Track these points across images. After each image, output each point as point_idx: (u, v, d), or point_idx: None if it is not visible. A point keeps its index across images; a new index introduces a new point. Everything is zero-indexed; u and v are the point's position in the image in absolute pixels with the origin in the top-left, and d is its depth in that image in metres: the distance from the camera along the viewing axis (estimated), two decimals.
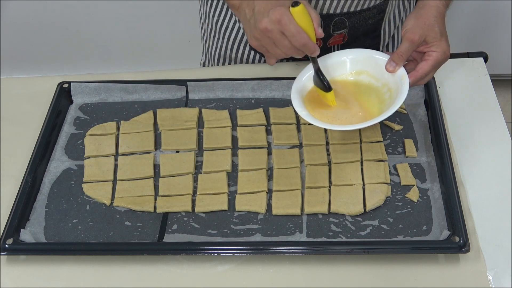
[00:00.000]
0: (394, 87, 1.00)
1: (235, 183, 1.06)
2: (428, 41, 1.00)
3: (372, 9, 1.17)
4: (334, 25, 1.17)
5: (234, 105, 1.19)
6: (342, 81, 1.06)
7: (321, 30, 0.97)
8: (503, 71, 2.38)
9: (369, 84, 1.05)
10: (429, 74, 1.01)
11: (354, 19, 1.17)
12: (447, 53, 1.01)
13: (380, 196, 1.01)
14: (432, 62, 1.00)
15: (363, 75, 1.05)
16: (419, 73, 1.00)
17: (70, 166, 1.10)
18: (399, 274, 0.94)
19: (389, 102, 1.00)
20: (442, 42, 1.00)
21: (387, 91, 1.01)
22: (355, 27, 1.19)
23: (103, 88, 1.21)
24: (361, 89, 1.05)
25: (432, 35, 0.99)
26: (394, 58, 1.00)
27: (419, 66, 1.00)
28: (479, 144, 1.12)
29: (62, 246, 0.98)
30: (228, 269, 0.96)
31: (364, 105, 1.03)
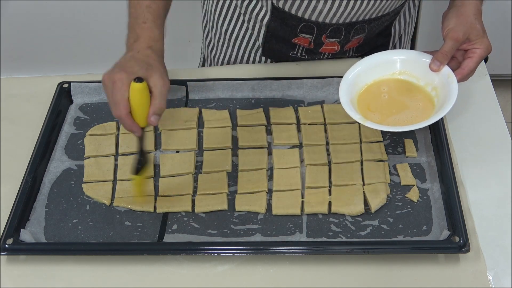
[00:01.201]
0: (440, 85, 1.01)
1: (235, 183, 1.06)
2: (471, 39, 1.01)
3: (390, 13, 1.18)
4: (355, 31, 1.18)
5: (234, 105, 1.19)
6: (389, 81, 1.05)
7: (154, 119, 0.93)
8: (503, 71, 2.38)
9: (414, 83, 1.04)
10: (473, 71, 1.03)
11: (373, 24, 1.18)
12: (489, 49, 1.03)
13: (382, 195, 1.01)
14: (477, 58, 1.02)
15: (404, 75, 1.05)
16: (466, 70, 1.01)
17: (70, 166, 1.10)
18: (399, 274, 0.94)
19: (437, 101, 1.00)
20: (485, 39, 1.02)
21: (432, 90, 1.02)
22: (373, 31, 1.20)
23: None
24: (408, 89, 1.04)
25: (475, 33, 1.01)
26: (438, 57, 1.01)
27: (465, 64, 1.02)
28: (479, 144, 1.12)
29: (62, 246, 0.98)
30: (228, 269, 0.96)
31: (417, 105, 1.02)
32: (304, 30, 1.18)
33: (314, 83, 1.19)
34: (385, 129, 0.97)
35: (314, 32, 1.18)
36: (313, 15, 1.14)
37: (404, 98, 1.03)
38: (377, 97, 1.04)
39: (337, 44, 1.21)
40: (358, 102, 1.03)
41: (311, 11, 1.13)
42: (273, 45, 1.25)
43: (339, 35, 1.19)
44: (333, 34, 1.18)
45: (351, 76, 1.04)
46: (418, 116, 1.00)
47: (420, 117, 0.99)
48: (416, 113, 1.01)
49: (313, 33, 1.18)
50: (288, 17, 1.16)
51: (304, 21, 1.15)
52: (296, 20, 1.16)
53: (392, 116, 1.01)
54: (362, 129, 1.12)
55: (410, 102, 1.03)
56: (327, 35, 1.18)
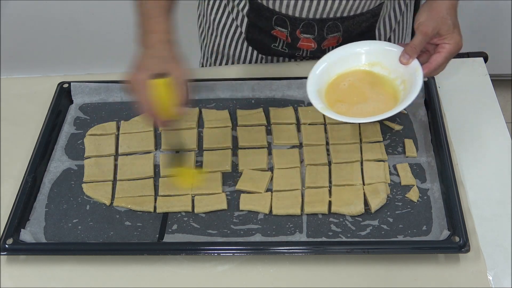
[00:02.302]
0: (408, 78, 1.00)
1: (235, 183, 1.06)
2: (441, 34, 1.01)
3: (365, 14, 1.17)
4: (328, 29, 1.18)
5: (234, 105, 1.19)
6: (357, 73, 1.05)
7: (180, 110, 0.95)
8: (503, 71, 2.38)
9: (383, 75, 1.05)
10: (442, 66, 1.02)
11: (348, 23, 1.18)
12: (460, 45, 1.02)
13: (382, 195, 1.01)
14: (446, 54, 1.01)
15: (376, 67, 1.05)
16: (433, 65, 1.01)
17: (70, 166, 1.10)
18: (399, 274, 0.94)
19: (404, 94, 1.00)
20: (455, 34, 1.01)
21: (401, 83, 1.02)
22: (349, 30, 1.19)
23: (103, 88, 1.21)
24: (375, 81, 1.04)
25: (445, 28, 1.00)
26: (407, 51, 1.00)
27: (433, 58, 1.01)
28: (479, 144, 1.12)
29: (62, 246, 0.98)
30: (228, 269, 0.96)
31: (380, 96, 1.02)
32: (278, 23, 1.19)
33: None
34: (344, 119, 0.97)
35: (288, 26, 1.19)
36: (282, 7, 1.15)
37: (369, 89, 1.03)
38: (343, 88, 1.03)
39: (313, 41, 1.21)
40: (326, 93, 1.03)
41: (279, 4, 1.14)
42: (256, 36, 1.26)
43: (312, 31, 1.19)
44: (306, 29, 1.18)
45: (319, 71, 1.04)
46: (380, 108, 1.00)
47: (381, 110, 0.99)
48: (378, 105, 1.00)
49: (287, 27, 1.19)
50: (262, 8, 1.18)
51: (276, 13, 1.17)
52: (269, 12, 1.17)
53: (356, 106, 1.01)
54: (362, 129, 1.12)
55: (375, 95, 1.02)
56: (301, 30, 1.19)
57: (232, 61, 1.33)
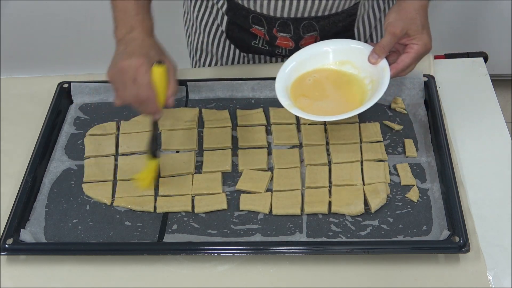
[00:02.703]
0: (376, 78, 1.01)
1: (235, 183, 1.06)
2: (410, 34, 1.00)
3: (341, 14, 1.17)
4: (303, 28, 1.18)
5: (234, 105, 1.19)
6: (325, 70, 1.06)
7: (173, 101, 0.97)
8: (503, 71, 2.38)
9: (352, 74, 1.05)
10: (410, 66, 1.02)
11: (323, 22, 1.18)
12: (428, 46, 1.01)
13: (382, 195, 1.01)
14: (413, 54, 1.01)
15: (347, 65, 1.05)
16: (400, 65, 1.01)
17: (70, 166, 1.10)
18: (399, 274, 0.94)
19: (371, 93, 1.00)
20: (424, 35, 1.01)
21: (370, 82, 1.02)
22: (326, 29, 1.19)
23: (103, 88, 1.21)
24: (344, 79, 1.05)
25: (414, 28, 1.00)
26: (376, 50, 1.01)
27: (400, 59, 1.01)
28: (479, 144, 1.12)
29: (62, 246, 0.98)
30: (228, 269, 0.96)
31: (347, 95, 1.03)
32: (255, 22, 1.19)
33: None
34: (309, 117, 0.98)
35: (264, 25, 1.19)
36: (257, 6, 1.15)
37: (334, 87, 1.04)
38: (308, 83, 1.04)
39: (290, 40, 1.21)
40: (292, 87, 1.04)
41: (254, 3, 1.15)
42: (236, 34, 1.26)
43: (288, 30, 1.19)
44: (282, 28, 1.19)
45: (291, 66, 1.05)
46: (346, 107, 1.00)
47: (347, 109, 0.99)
48: (344, 104, 1.01)
49: (264, 25, 1.19)
50: (239, 7, 1.18)
51: (252, 12, 1.17)
52: (245, 11, 1.18)
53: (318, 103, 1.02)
54: (362, 129, 1.12)
55: (339, 92, 1.03)
56: (277, 29, 1.19)
57: (216, 59, 1.34)
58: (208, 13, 1.28)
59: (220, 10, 1.24)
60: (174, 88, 0.96)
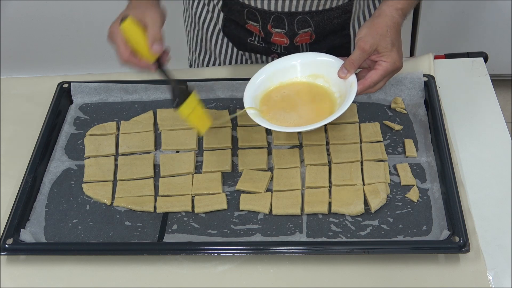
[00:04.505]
0: (344, 93, 1.01)
1: (235, 183, 1.06)
2: (379, 51, 0.99)
3: (335, 10, 1.17)
4: (298, 23, 1.18)
5: (234, 105, 1.19)
6: (296, 84, 1.07)
7: (157, 47, 0.96)
8: (503, 71, 2.38)
9: (324, 88, 1.06)
10: (378, 84, 1.01)
11: (318, 18, 1.18)
12: (397, 64, 1.00)
13: (382, 195, 1.01)
14: (381, 72, 1.00)
15: (319, 79, 1.06)
16: (368, 81, 1.00)
17: (70, 166, 1.10)
18: (399, 274, 0.94)
19: (338, 107, 1.00)
20: (393, 53, 0.99)
21: (339, 97, 1.02)
22: (321, 26, 1.19)
23: (103, 88, 1.21)
24: (315, 93, 1.06)
25: (383, 45, 0.99)
26: (346, 65, 1.01)
27: (368, 75, 1.00)
28: (479, 144, 1.12)
29: (62, 246, 0.98)
30: (228, 269, 0.96)
31: (317, 109, 1.03)
32: (250, 17, 1.20)
33: None
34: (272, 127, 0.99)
35: (259, 20, 1.19)
36: (251, 0, 1.15)
37: (306, 101, 1.05)
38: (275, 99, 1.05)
39: (285, 36, 1.21)
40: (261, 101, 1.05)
41: None
42: (232, 30, 1.27)
43: (283, 26, 1.19)
44: (277, 24, 1.19)
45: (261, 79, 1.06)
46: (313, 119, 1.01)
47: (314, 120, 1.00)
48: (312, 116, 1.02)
49: (259, 21, 1.19)
50: (232, 2, 1.19)
51: (246, 7, 1.17)
52: (240, 6, 1.18)
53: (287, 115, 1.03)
54: (362, 129, 1.12)
55: (310, 106, 1.04)
56: (272, 24, 1.19)
57: (214, 57, 1.34)
58: (206, 10, 1.28)
59: (216, 6, 1.25)
60: (150, 35, 0.97)
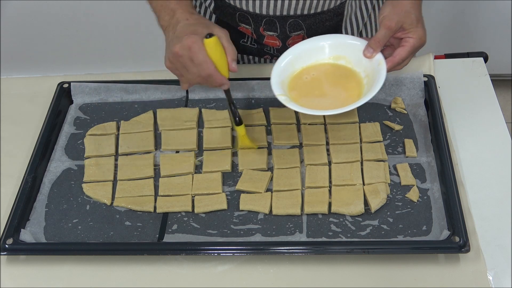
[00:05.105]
0: (371, 72, 1.00)
1: (235, 183, 1.06)
2: (405, 28, 1.00)
3: (327, 12, 1.17)
4: (290, 26, 1.18)
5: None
6: (322, 66, 1.06)
7: (235, 65, 0.99)
8: (503, 71, 2.38)
9: (348, 69, 1.05)
10: (406, 60, 1.02)
11: (310, 21, 1.18)
12: (423, 39, 1.02)
13: (382, 195, 1.01)
14: (409, 48, 1.01)
15: (341, 60, 1.05)
16: (397, 58, 1.01)
17: (70, 166, 1.10)
18: (399, 274, 0.94)
19: (367, 88, 1.00)
20: (419, 28, 1.01)
21: (365, 77, 1.02)
22: (313, 28, 1.19)
23: (103, 88, 1.21)
24: (341, 75, 1.04)
25: (409, 22, 1.00)
26: (371, 44, 1.01)
27: (396, 52, 1.01)
28: (479, 144, 1.12)
29: (62, 246, 0.98)
30: (228, 269, 0.96)
31: (345, 91, 1.02)
32: (242, 20, 1.20)
33: None
34: (307, 112, 0.97)
35: (251, 23, 1.19)
36: (242, 4, 1.16)
37: (333, 83, 1.03)
38: (306, 82, 1.04)
39: (277, 38, 1.22)
40: (289, 86, 1.03)
41: (239, 1, 1.15)
42: None
43: (275, 29, 1.19)
44: (268, 27, 1.19)
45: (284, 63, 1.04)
46: (343, 102, 1.00)
47: (345, 103, 0.98)
48: (342, 99, 1.01)
49: (251, 23, 1.19)
50: (225, 4, 1.19)
51: (238, 10, 1.17)
52: (232, 9, 1.18)
53: (318, 100, 1.01)
54: (362, 129, 1.12)
55: (338, 88, 1.03)
56: (264, 27, 1.19)
57: None
58: (197, 12, 1.28)
59: (208, 8, 1.25)
60: (232, 53, 0.98)
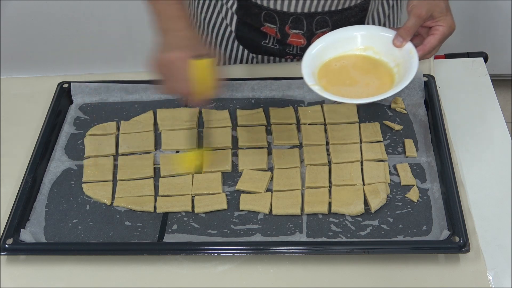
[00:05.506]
0: (402, 61, 1.00)
1: (235, 183, 1.06)
2: (435, 16, 1.01)
3: (354, 8, 1.18)
4: (317, 23, 1.18)
5: (234, 105, 1.19)
6: (352, 56, 1.05)
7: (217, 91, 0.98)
8: (503, 71, 2.38)
9: (376, 59, 1.05)
10: (436, 48, 1.03)
11: (336, 17, 1.18)
12: (453, 27, 1.02)
13: (382, 195, 1.01)
14: (439, 36, 1.01)
15: (369, 51, 1.05)
16: (427, 47, 1.01)
17: (70, 166, 1.10)
18: (399, 274, 0.94)
19: (398, 77, 1.00)
20: (448, 17, 1.02)
21: (395, 66, 1.02)
22: (338, 25, 1.19)
23: (103, 88, 1.21)
24: (370, 64, 1.04)
25: (439, 10, 1.01)
26: (401, 33, 1.01)
27: (427, 40, 1.01)
28: (479, 144, 1.12)
29: (62, 246, 0.98)
30: (228, 269, 0.96)
31: (376, 80, 1.02)
32: (267, 19, 1.19)
33: None
34: (340, 100, 0.96)
35: (277, 22, 1.19)
36: (270, 3, 1.15)
37: (363, 73, 1.03)
38: (336, 71, 1.03)
39: (302, 37, 1.21)
40: (319, 75, 1.02)
41: None
42: (246, 34, 1.26)
43: (301, 27, 1.19)
44: (295, 25, 1.19)
45: (315, 51, 1.03)
46: (375, 91, 0.99)
47: (376, 92, 0.98)
48: (373, 88, 1.00)
49: (276, 22, 1.19)
50: (250, 4, 1.18)
51: (264, 9, 1.17)
52: (258, 8, 1.18)
53: (350, 89, 1.01)
54: (362, 129, 1.12)
55: (369, 77, 1.02)
56: (290, 26, 1.19)
57: (224, 61, 1.33)
58: (217, 13, 1.27)
59: (229, 10, 1.24)
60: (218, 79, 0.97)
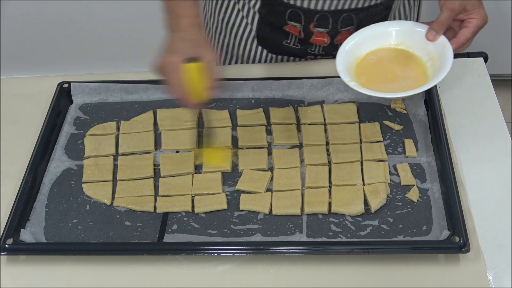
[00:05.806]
0: (436, 55, 1.01)
1: (235, 183, 1.06)
2: (468, 9, 1.02)
3: (379, 5, 1.18)
4: (342, 21, 1.18)
5: (234, 105, 1.19)
6: (383, 50, 1.06)
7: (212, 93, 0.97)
8: (503, 71, 2.38)
9: (409, 53, 1.05)
10: (469, 41, 1.04)
11: (362, 15, 1.18)
12: (486, 19, 1.03)
13: (382, 195, 1.01)
14: (473, 29, 1.02)
15: (401, 46, 1.06)
16: (461, 39, 1.02)
17: (70, 166, 1.10)
18: (399, 274, 0.94)
19: (432, 71, 1.00)
20: (481, 9, 1.03)
21: (429, 60, 1.02)
22: (363, 23, 1.20)
23: (103, 88, 1.21)
24: (403, 58, 1.05)
25: (471, 3, 1.02)
26: (434, 27, 1.01)
27: (461, 33, 1.02)
28: (479, 144, 1.12)
29: (62, 246, 0.98)
30: (228, 269, 0.96)
31: (410, 74, 1.03)
32: (292, 18, 1.19)
33: (314, 83, 1.19)
34: (378, 95, 0.98)
35: (302, 20, 1.19)
36: (297, 1, 1.15)
37: (398, 67, 1.04)
38: (371, 66, 1.04)
39: (326, 35, 1.21)
40: (355, 71, 1.03)
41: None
42: (267, 33, 1.26)
43: (326, 25, 1.19)
44: (320, 23, 1.19)
45: (348, 47, 1.04)
46: (411, 85, 1.00)
47: (412, 86, 0.99)
48: (409, 82, 1.01)
49: (301, 21, 1.19)
50: (275, 3, 1.18)
51: (290, 6, 1.17)
52: (283, 6, 1.18)
53: (385, 84, 1.01)
54: (362, 129, 1.12)
55: (404, 72, 1.03)
56: (315, 24, 1.19)
57: (242, 61, 1.33)
58: (236, 13, 1.27)
59: (252, 9, 1.24)
60: (211, 82, 0.96)
